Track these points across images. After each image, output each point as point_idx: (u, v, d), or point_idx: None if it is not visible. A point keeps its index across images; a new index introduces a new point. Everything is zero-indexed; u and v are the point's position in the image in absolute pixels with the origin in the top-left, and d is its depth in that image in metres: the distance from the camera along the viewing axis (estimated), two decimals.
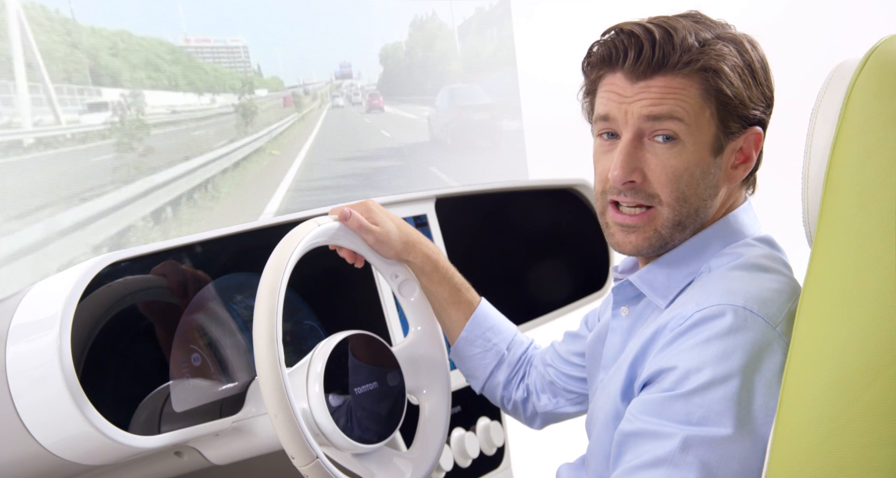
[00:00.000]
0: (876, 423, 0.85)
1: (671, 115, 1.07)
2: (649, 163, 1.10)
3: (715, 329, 0.99)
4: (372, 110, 3.60)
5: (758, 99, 1.11)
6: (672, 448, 0.94)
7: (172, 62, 2.90)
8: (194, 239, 1.28)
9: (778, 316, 1.01)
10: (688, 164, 1.09)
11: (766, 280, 1.05)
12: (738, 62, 1.09)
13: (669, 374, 0.98)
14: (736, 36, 1.12)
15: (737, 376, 0.96)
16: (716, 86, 1.08)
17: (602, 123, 1.13)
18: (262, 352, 1.13)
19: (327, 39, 3.46)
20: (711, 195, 1.12)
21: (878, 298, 0.87)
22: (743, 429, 0.95)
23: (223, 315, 1.29)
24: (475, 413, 1.68)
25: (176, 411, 1.20)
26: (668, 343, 1.01)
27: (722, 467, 0.94)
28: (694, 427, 0.95)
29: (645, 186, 1.10)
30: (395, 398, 1.27)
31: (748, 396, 0.96)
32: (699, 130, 1.08)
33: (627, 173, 1.10)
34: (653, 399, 0.99)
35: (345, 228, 1.27)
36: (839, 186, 0.93)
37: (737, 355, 0.97)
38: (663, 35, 1.07)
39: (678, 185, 1.09)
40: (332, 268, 1.45)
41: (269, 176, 3.26)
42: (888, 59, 0.92)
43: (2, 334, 1.13)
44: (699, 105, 1.08)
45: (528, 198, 1.82)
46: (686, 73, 1.07)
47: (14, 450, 1.15)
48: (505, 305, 1.62)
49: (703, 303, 1.01)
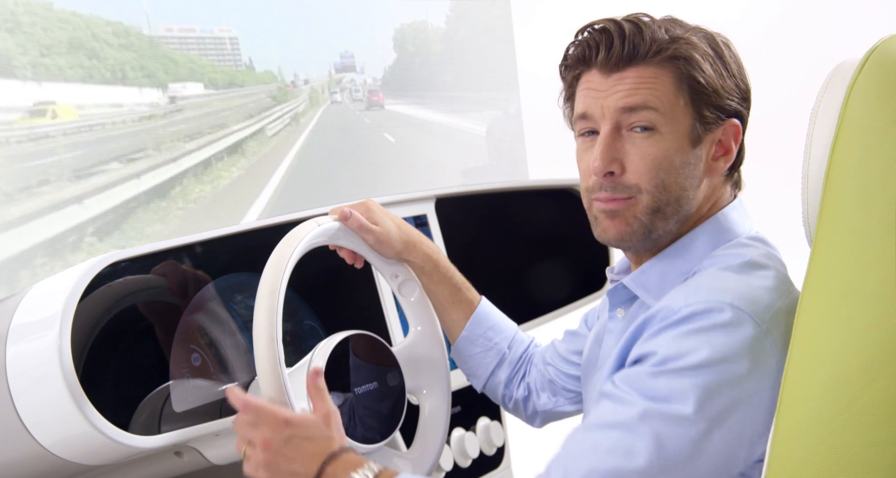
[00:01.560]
0: (876, 422, 0.85)
1: (646, 105, 1.09)
2: (628, 153, 1.11)
3: (700, 323, 1.00)
4: (371, 108, 3.03)
5: (732, 90, 1.13)
6: (631, 415, 0.98)
7: (123, 48, 2.31)
8: (194, 239, 1.28)
9: (765, 314, 1.01)
10: (666, 152, 1.10)
11: (757, 278, 1.06)
12: (708, 52, 1.11)
13: (650, 357, 1.01)
14: (708, 32, 1.14)
15: (711, 367, 0.98)
16: (688, 73, 1.10)
17: (582, 122, 1.15)
18: (262, 352, 1.13)
19: (328, 26, 2.96)
20: (692, 186, 1.13)
21: (878, 298, 0.87)
22: (703, 413, 0.97)
23: (223, 315, 1.29)
24: (475, 413, 1.68)
25: (176, 411, 1.20)
26: (654, 334, 1.03)
27: (674, 443, 0.96)
28: (656, 403, 0.98)
29: (624, 178, 1.12)
30: (396, 398, 1.27)
31: (717, 387, 0.98)
32: (675, 119, 1.10)
33: (607, 164, 1.11)
34: (630, 372, 1.03)
35: (345, 228, 1.27)
36: (839, 186, 0.93)
37: (716, 348, 0.98)
38: (632, 28, 1.10)
39: (657, 172, 1.10)
40: (332, 268, 1.45)
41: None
42: (888, 59, 0.92)
43: (2, 334, 1.13)
44: (673, 93, 1.10)
45: (527, 198, 1.82)
46: (657, 63, 1.10)
47: (14, 450, 1.15)
48: (505, 304, 1.62)
49: (692, 298, 1.03)
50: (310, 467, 1.07)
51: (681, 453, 0.96)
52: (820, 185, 0.96)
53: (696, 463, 0.97)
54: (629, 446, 0.96)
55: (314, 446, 1.08)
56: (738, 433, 0.98)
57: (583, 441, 1.00)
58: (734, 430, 0.98)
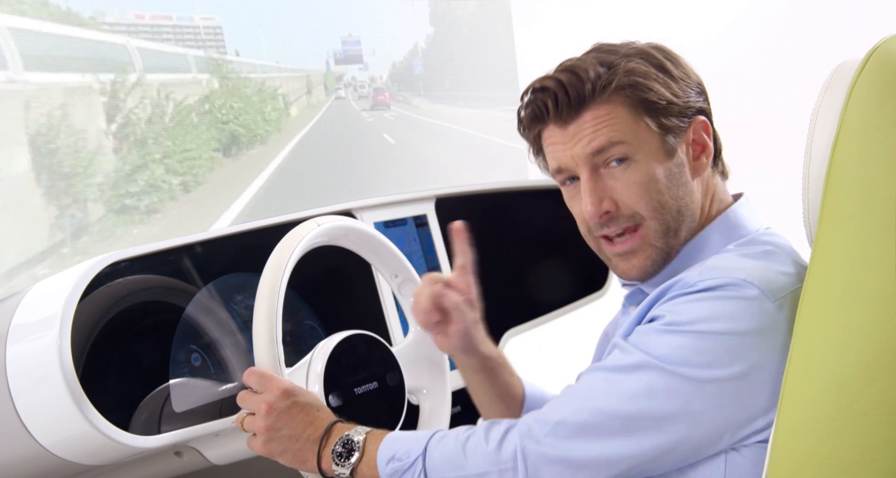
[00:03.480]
0: (876, 423, 0.85)
1: (611, 142, 1.11)
2: (614, 188, 1.13)
3: (714, 293, 1.02)
4: (377, 108, 2.53)
5: (684, 91, 1.14)
6: (629, 362, 1.02)
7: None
8: (194, 239, 1.28)
9: (780, 292, 1.02)
10: (649, 174, 1.12)
11: (774, 263, 1.07)
12: (648, 69, 1.12)
13: (659, 319, 1.04)
14: (639, 48, 1.16)
15: (716, 334, 1.00)
16: (638, 98, 1.11)
17: (559, 175, 1.18)
18: (262, 352, 1.13)
19: (331, 6, 2.42)
20: (687, 192, 1.14)
21: (878, 298, 0.87)
22: (700, 373, 0.99)
23: (223, 315, 1.29)
24: (475, 413, 1.67)
25: (176, 411, 1.20)
26: (668, 300, 1.06)
27: (665, 392, 0.99)
28: (656, 359, 1.01)
29: (622, 211, 1.13)
30: (395, 398, 1.27)
31: (721, 352, 1.00)
32: (644, 142, 1.12)
33: (598, 205, 1.13)
34: (639, 329, 1.06)
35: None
36: (839, 186, 0.93)
37: (724, 317, 1.00)
38: (570, 77, 1.12)
39: (650, 195, 1.12)
40: (332, 268, 1.45)
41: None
42: (888, 59, 0.92)
43: (2, 334, 1.13)
44: (632, 121, 1.12)
45: (528, 198, 1.82)
46: (606, 99, 1.12)
47: (14, 450, 1.15)
48: (505, 305, 1.62)
49: (706, 275, 1.05)
50: (314, 432, 1.11)
51: (671, 406, 0.99)
52: (821, 185, 0.96)
53: (686, 421, 0.99)
54: (624, 391, 1.00)
55: (315, 412, 1.13)
56: (729, 400, 1.00)
57: (584, 381, 1.05)
58: (727, 395, 0.99)
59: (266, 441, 1.13)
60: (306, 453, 1.11)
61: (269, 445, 1.13)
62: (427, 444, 1.07)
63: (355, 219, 1.50)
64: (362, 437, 1.10)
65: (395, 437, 1.10)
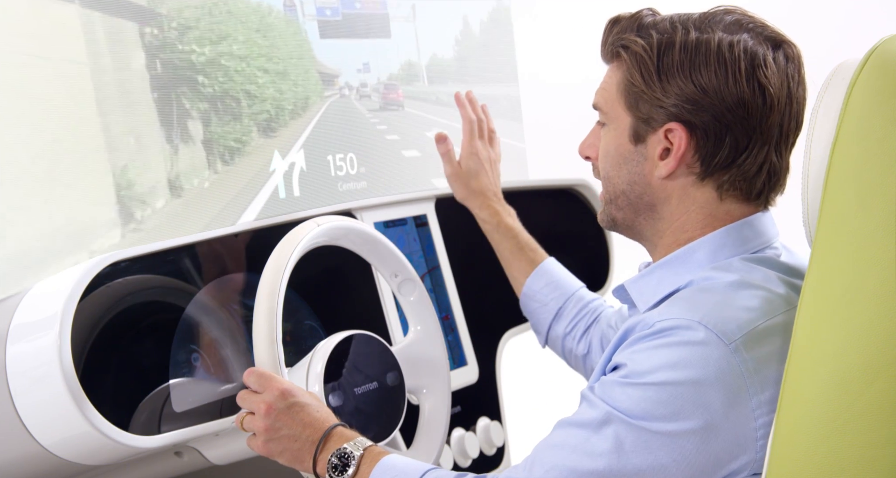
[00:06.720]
0: (876, 423, 0.85)
1: (597, 105, 1.19)
2: (596, 143, 1.22)
3: (667, 338, 1.02)
4: (388, 107, 2.28)
5: (669, 92, 1.10)
6: (595, 417, 1.02)
7: None
8: (194, 239, 1.28)
9: (735, 334, 1.01)
10: (608, 145, 1.17)
11: (739, 298, 1.05)
12: (646, 53, 1.11)
13: (622, 368, 1.05)
14: (669, 33, 1.11)
15: (674, 385, 1.00)
16: (627, 73, 1.14)
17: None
18: (262, 352, 1.13)
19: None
20: (639, 182, 1.15)
21: (878, 298, 0.87)
22: (659, 426, 1.00)
23: (223, 315, 1.29)
24: (475, 413, 1.68)
25: (176, 411, 1.20)
26: (629, 344, 1.06)
27: (634, 448, 0.99)
28: (619, 412, 1.01)
29: (595, 162, 1.22)
30: (395, 398, 1.27)
31: (676, 403, 0.99)
32: (617, 117, 1.16)
33: (581, 149, 1.24)
34: (604, 380, 1.07)
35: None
36: (839, 186, 0.93)
37: (680, 365, 1.00)
38: (611, 25, 1.17)
39: (605, 163, 1.19)
40: (332, 268, 1.45)
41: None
42: (888, 59, 0.92)
43: (2, 334, 1.13)
44: (615, 93, 1.15)
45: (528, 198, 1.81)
46: (616, 63, 1.16)
47: (14, 450, 1.15)
48: (505, 305, 1.62)
49: (665, 315, 1.05)
50: (313, 433, 1.11)
51: (641, 460, 0.99)
52: (820, 185, 0.96)
53: (658, 474, 0.99)
54: (594, 448, 1.00)
55: (315, 412, 1.13)
56: (696, 449, 0.99)
57: (554, 437, 1.05)
58: (694, 445, 0.99)
59: (266, 441, 1.13)
60: (304, 453, 1.12)
61: (268, 444, 1.13)
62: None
63: (355, 219, 1.50)
64: (360, 452, 1.09)
65: (388, 465, 1.09)
